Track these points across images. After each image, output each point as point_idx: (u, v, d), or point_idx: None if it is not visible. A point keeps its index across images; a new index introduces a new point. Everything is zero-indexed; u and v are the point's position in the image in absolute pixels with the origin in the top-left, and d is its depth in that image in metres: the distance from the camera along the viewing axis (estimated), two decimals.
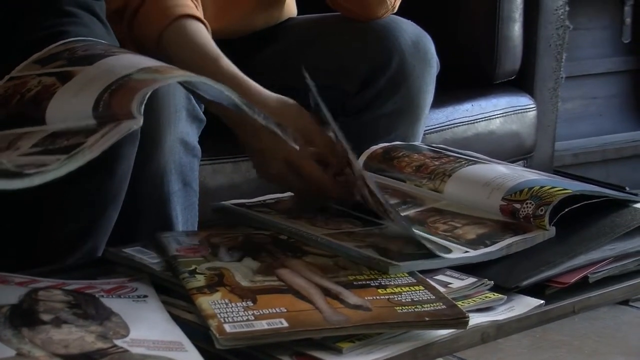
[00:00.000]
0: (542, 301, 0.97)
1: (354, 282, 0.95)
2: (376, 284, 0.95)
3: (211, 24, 1.35)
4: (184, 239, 1.06)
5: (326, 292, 0.92)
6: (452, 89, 1.90)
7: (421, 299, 0.91)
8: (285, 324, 0.84)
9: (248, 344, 0.83)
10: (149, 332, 0.84)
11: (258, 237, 1.08)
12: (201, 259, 0.99)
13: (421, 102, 1.58)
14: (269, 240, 1.07)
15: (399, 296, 0.92)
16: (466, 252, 1.04)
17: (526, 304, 0.97)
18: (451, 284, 0.98)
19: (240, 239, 1.07)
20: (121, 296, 0.92)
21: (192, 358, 0.81)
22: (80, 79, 0.92)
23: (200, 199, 1.36)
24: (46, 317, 0.84)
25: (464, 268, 1.01)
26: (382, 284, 0.95)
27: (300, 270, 0.98)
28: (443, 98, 1.80)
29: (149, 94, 0.86)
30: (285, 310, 0.87)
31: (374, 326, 0.87)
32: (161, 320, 0.88)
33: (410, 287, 0.94)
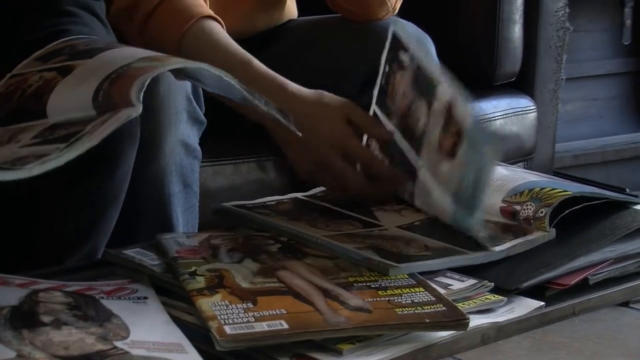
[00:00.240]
0: (543, 303, 0.98)
1: (354, 284, 0.95)
2: (376, 285, 0.95)
3: None
4: (184, 240, 1.06)
5: (326, 293, 0.92)
6: None
7: (421, 300, 0.91)
8: (286, 326, 0.84)
9: (248, 345, 0.83)
10: (149, 333, 0.84)
11: (258, 238, 1.08)
12: (201, 260, 0.99)
13: None
14: (269, 242, 1.07)
15: (399, 298, 0.92)
16: (466, 253, 1.04)
17: (526, 306, 0.97)
18: (451, 285, 0.98)
19: (240, 240, 1.07)
20: (121, 298, 0.92)
21: None
22: (81, 71, 0.92)
23: (201, 200, 1.36)
24: (46, 319, 0.84)
25: (464, 270, 1.01)
26: (382, 285, 0.95)
27: (300, 271, 0.97)
28: None
29: (148, 81, 0.85)
30: (285, 312, 0.87)
31: (374, 328, 0.87)
32: (161, 321, 0.88)
33: (411, 289, 0.94)
